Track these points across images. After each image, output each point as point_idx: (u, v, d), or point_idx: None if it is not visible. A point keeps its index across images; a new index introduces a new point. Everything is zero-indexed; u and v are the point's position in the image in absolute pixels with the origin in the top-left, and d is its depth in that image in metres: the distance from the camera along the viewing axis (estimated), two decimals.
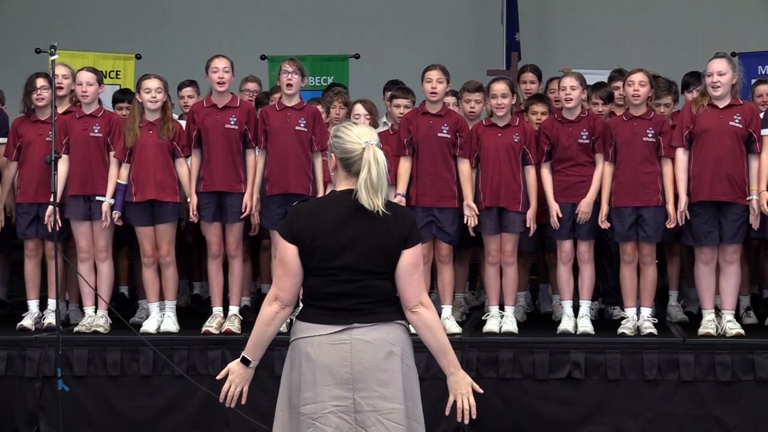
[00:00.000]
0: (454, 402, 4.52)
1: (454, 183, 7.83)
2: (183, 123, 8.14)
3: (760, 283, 8.94)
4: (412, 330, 4.52)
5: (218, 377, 4.67)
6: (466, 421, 4.53)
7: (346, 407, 4.40)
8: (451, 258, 7.95)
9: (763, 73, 10.66)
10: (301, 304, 4.60)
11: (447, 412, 4.54)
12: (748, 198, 7.49)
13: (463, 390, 4.51)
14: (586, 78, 8.08)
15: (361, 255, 4.41)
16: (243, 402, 4.65)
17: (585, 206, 7.70)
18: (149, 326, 7.90)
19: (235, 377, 4.62)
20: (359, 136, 4.46)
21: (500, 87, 7.88)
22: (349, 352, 4.39)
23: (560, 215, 7.74)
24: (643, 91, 7.67)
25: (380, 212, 4.37)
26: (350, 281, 4.42)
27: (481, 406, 7.38)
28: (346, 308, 4.42)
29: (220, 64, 7.84)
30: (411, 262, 4.44)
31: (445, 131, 7.81)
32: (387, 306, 4.46)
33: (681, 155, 7.59)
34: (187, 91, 9.09)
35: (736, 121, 7.50)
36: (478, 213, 7.75)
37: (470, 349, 7.51)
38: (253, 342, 4.61)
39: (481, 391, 4.56)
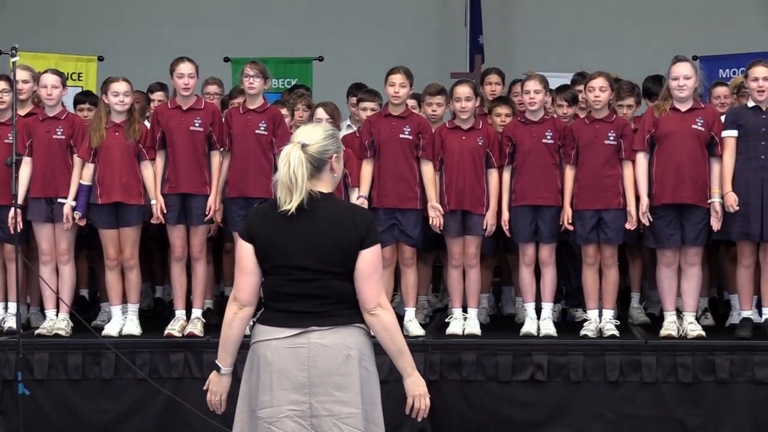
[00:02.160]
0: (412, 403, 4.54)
1: (416, 185, 7.84)
2: (147, 124, 8.12)
3: (719, 286, 9.02)
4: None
5: (204, 388, 4.70)
6: (419, 419, 4.56)
7: (303, 412, 4.40)
8: (415, 261, 7.96)
9: (724, 76, 10.75)
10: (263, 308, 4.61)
11: (407, 412, 4.54)
12: (709, 201, 7.55)
13: (420, 391, 4.52)
14: (550, 81, 8.11)
15: (315, 254, 4.41)
16: (222, 410, 4.67)
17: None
18: (111, 329, 7.85)
19: (212, 386, 4.65)
20: (297, 135, 4.50)
21: (464, 90, 7.89)
22: (306, 356, 4.39)
23: (506, 226, 7.80)
24: (603, 96, 7.71)
25: (292, 212, 4.37)
26: (306, 281, 4.42)
27: (445, 408, 7.46)
28: (304, 311, 4.42)
29: (186, 69, 7.80)
30: (369, 263, 4.42)
31: (407, 132, 7.82)
32: (346, 308, 4.45)
33: (641, 159, 7.63)
34: (158, 95, 9.04)
35: (699, 124, 7.55)
36: (443, 213, 7.77)
37: (433, 351, 7.52)
38: (220, 346, 4.62)
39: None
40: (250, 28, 13.33)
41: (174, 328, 7.82)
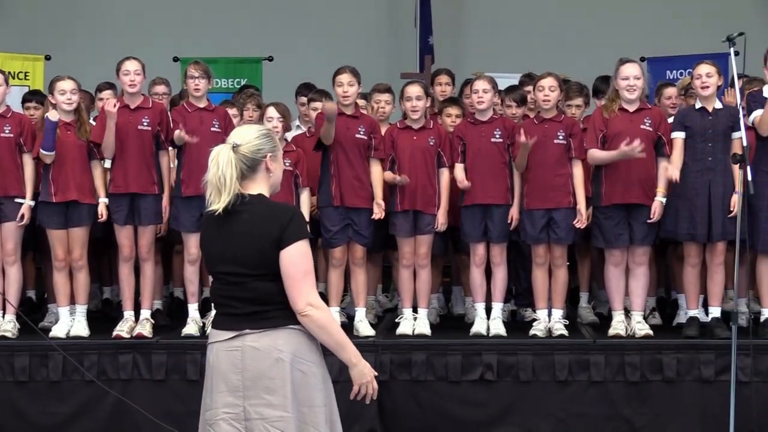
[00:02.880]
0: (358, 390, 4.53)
1: (371, 184, 7.84)
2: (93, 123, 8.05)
3: (667, 285, 9.10)
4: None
5: None
6: (368, 401, 4.55)
7: (237, 415, 4.38)
8: (365, 260, 7.96)
9: (671, 77, 10.85)
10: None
11: (351, 397, 4.52)
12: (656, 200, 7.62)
13: (367, 378, 4.49)
14: (499, 82, 8.14)
15: (238, 257, 4.38)
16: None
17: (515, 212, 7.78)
18: (59, 331, 7.79)
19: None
20: (231, 136, 4.47)
21: (414, 90, 7.91)
22: (240, 360, 4.37)
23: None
24: (553, 96, 7.76)
25: (219, 213, 4.34)
26: (236, 284, 4.39)
27: (394, 408, 7.46)
28: (241, 314, 4.39)
29: (131, 66, 7.77)
30: (289, 263, 4.33)
31: (362, 133, 7.81)
32: (279, 310, 4.38)
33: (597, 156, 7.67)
34: (107, 94, 8.97)
35: (647, 124, 7.61)
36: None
37: (383, 351, 7.52)
38: None
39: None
40: (200, 28, 13.26)
41: (122, 329, 7.76)
